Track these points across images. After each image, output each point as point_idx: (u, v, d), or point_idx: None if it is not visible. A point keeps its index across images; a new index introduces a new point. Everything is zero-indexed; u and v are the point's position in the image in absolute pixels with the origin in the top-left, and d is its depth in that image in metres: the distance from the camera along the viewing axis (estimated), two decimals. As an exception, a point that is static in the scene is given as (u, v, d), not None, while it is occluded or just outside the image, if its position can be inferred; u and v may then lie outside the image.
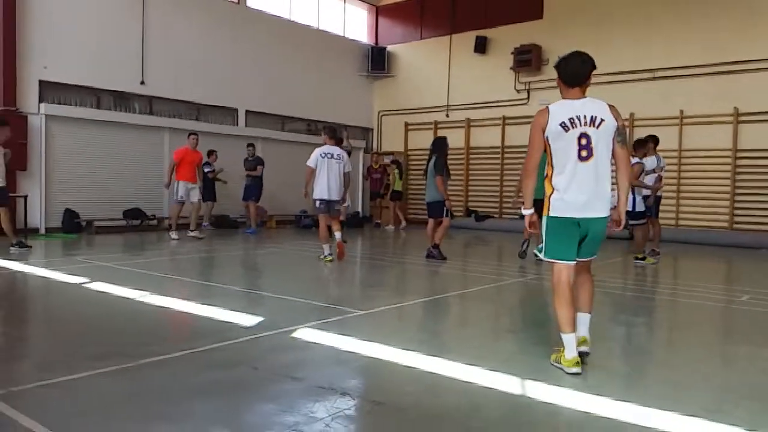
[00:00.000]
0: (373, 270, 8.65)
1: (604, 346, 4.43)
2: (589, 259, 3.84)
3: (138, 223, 12.64)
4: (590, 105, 3.63)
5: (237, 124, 14.80)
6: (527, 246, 9.13)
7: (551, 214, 3.66)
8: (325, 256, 8.34)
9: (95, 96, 12.52)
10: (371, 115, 18.63)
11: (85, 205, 12.07)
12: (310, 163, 8.33)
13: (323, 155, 8.33)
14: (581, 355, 3.64)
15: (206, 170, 12.60)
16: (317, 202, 8.41)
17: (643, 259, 8.85)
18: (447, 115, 16.94)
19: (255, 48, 15.05)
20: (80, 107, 12.17)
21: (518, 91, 15.50)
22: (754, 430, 2.74)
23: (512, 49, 15.16)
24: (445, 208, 8.72)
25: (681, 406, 3.03)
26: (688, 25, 12.97)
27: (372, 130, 18.70)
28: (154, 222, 12.93)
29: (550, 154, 3.67)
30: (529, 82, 15.18)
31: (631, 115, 13.55)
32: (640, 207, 8.80)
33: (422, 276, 7.97)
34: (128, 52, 12.71)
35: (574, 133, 3.56)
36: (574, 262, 3.70)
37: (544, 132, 3.62)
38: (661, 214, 10.03)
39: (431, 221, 9.04)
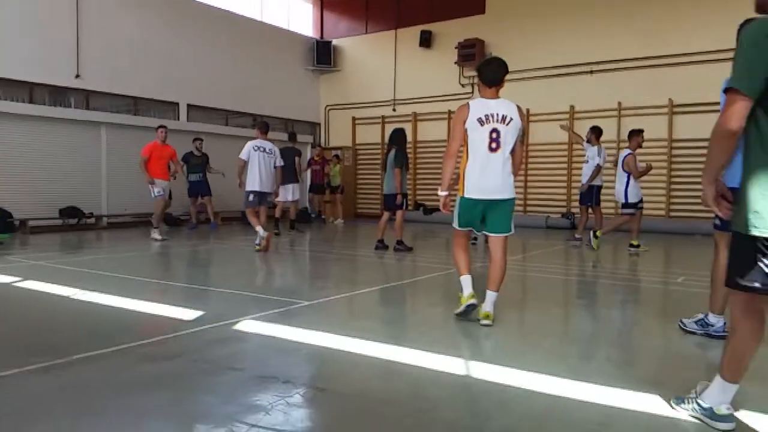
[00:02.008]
0: (321, 262, 8.57)
1: (545, 326, 4.51)
2: (501, 234, 4.37)
3: (75, 222, 12.17)
4: (503, 105, 4.29)
5: (178, 119, 14.41)
6: (477, 239, 9.30)
7: (465, 195, 4.32)
8: (259, 239, 8.58)
9: (28, 90, 11.96)
10: (318, 109, 18.48)
11: (18, 204, 11.48)
12: (242, 155, 8.68)
13: (255, 148, 8.67)
14: (483, 326, 4.21)
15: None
16: (250, 195, 8.70)
17: (638, 246, 9.03)
18: (394, 110, 16.97)
19: (196, 40, 14.69)
20: (11, 101, 11.56)
21: (463, 85, 15.65)
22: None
23: (456, 43, 15.30)
24: (402, 201, 8.82)
25: (620, 381, 3.10)
26: (626, 19, 13.35)
27: (319, 124, 18.56)
28: (92, 220, 12.47)
29: (467, 144, 4.31)
30: (473, 77, 15.31)
31: (572, 107, 13.88)
32: (633, 198, 8.98)
33: (370, 267, 7.94)
34: (62, 45, 12.19)
35: (488, 127, 4.22)
36: (469, 230, 4.51)
37: (464, 124, 4.26)
38: (602, 203, 10.29)
39: (386, 214, 9.07)
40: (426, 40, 16.10)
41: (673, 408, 2.69)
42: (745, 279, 2.28)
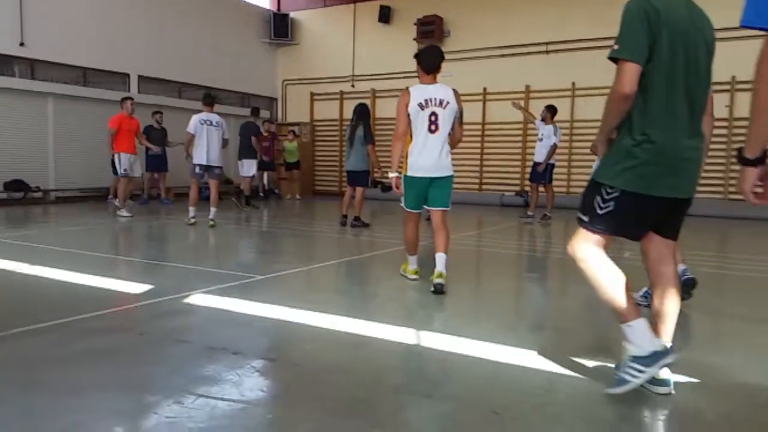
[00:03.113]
0: (276, 237, 8.51)
1: (497, 298, 4.60)
2: (441, 209, 4.75)
3: (21, 196, 11.74)
4: (440, 90, 4.65)
5: (129, 90, 13.95)
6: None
7: (408, 173, 4.70)
8: (189, 218, 8.71)
9: (-34, 57, 11.41)
10: (275, 84, 18.17)
11: (-42, 177, 11.06)
12: (190, 129, 8.60)
13: (202, 122, 8.59)
14: (437, 286, 4.46)
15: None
16: (196, 168, 8.69)
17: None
18: (352, 86, 16.83)
19: (148, 9, 14.18)
20: (-52, 69, 11.05)
21: (422, 62, 15.58)
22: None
23: (415, 19, 15.20)
24: (370, 178, 8.92)
25: (565, 350, 3.20)
26: (582, 0, 13.50)
27: (276, 99, 18.28)
28: (39, 194, 12.05)
29: (409, 127, 4.66)
30: (432, 53, 15.28)
31: (527, 87, 14.01)
32: None
33: (326, 242, 7.94)
34: (5, 10, 11.61)
35: (427, 111, 4.59)
36: (421, 211, 4.91)
37: (407, 108, 4.61)
38: (554, 181, 10.49)
39: (350, 190, 9.05)
40: (385, 16, 15.94)
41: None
42: (582, 213, 2.65)
